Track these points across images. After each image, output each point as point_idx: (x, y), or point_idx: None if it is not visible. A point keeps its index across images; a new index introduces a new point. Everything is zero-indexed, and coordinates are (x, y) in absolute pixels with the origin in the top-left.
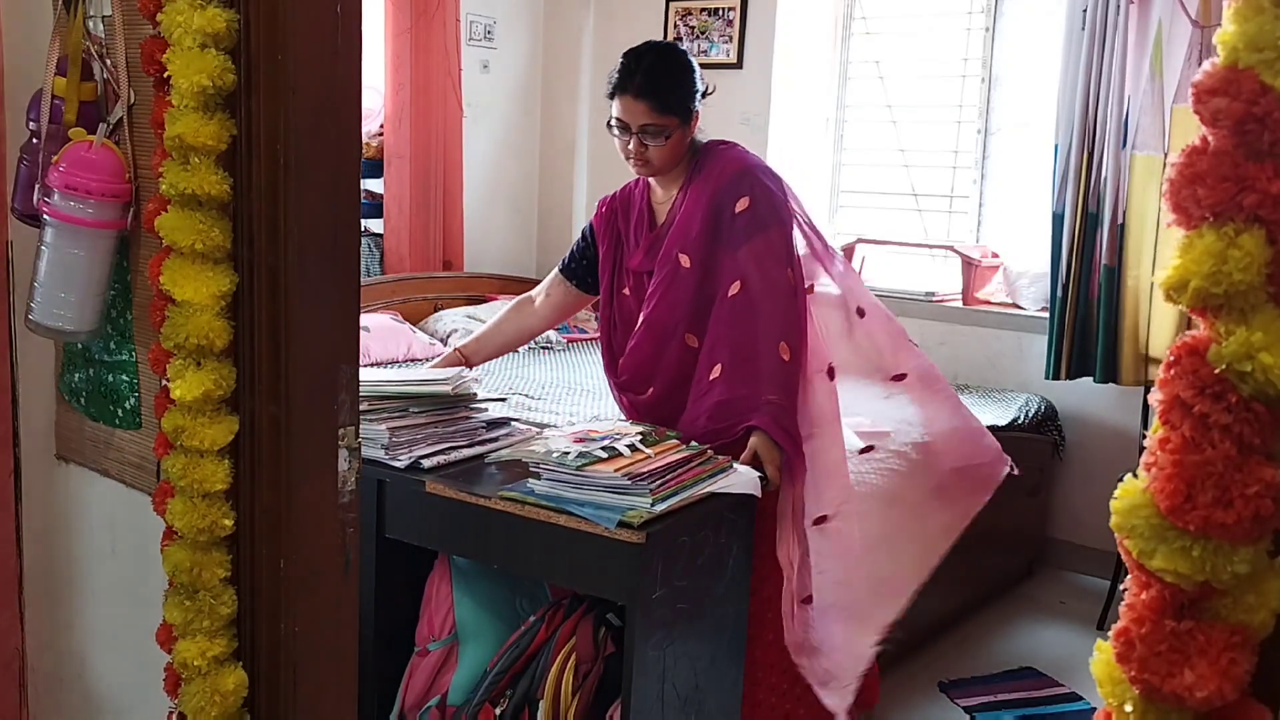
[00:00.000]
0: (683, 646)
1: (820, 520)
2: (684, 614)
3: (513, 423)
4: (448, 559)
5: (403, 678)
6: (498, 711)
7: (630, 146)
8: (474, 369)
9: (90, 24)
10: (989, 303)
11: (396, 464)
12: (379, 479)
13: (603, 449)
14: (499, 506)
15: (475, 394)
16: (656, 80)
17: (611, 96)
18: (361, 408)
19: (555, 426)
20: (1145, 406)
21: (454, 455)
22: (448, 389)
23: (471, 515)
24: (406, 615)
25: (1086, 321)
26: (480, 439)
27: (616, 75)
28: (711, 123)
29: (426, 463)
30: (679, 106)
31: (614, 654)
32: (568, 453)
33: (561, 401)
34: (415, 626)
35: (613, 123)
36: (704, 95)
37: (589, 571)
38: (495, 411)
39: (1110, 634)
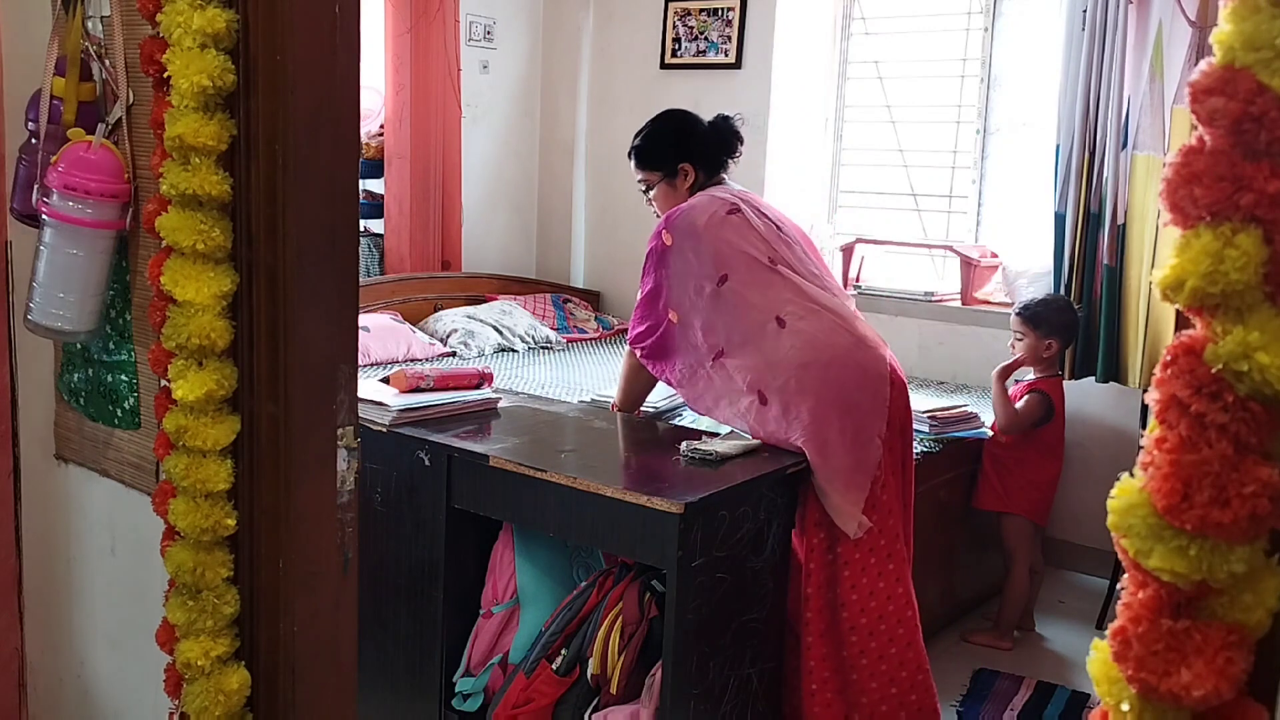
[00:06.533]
0: (723, 613)
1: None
2: (723, 583)
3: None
4: (511, 529)
5: (469, 638)
6: (554, 667)
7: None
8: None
9: (89, 24)
10: (988, 302)
11: None
12: (448, 455)
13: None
14: (554, 479)
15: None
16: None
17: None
18: None
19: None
20: (1143, 406)
21: None
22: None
23: (530, 487)
24: (474, 581)
25: (1090, 322)
26: None
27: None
28: None
29: None
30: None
31: (658, 617)
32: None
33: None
34: (481, 592)
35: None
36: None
37: (634, 539)
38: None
39: (1107, 633)
